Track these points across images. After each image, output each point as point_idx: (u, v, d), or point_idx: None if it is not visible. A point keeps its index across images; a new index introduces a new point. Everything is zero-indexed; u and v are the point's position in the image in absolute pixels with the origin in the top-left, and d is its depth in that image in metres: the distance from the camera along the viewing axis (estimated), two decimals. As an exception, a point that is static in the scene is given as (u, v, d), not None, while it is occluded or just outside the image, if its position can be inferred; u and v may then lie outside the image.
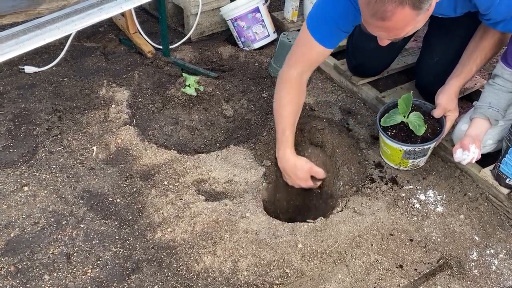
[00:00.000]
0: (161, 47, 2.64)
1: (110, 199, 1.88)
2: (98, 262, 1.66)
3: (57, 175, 1.94)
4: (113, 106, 2.28)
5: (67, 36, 2.35)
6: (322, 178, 1.97)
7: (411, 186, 2.01)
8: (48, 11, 2.08)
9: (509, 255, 1.79)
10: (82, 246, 1.71)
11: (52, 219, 1.78)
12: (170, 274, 1.64)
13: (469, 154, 1.82)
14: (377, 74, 2.46)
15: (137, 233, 1.76)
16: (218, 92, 2.37)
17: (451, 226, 1.87)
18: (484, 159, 1.94)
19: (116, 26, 2.85)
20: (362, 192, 1.98)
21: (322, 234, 1.79)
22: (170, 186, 1.93)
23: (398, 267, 1.72)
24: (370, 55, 2.26)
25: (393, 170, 2.07)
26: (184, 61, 2.66)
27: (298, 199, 2.07)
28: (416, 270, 1.72)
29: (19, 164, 1.97)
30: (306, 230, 1.80)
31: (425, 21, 1.53)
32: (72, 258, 1.67)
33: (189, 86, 2.29)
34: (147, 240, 1.74)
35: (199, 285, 1.62)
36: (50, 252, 1.68)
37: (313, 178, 1.95)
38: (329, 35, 1.82)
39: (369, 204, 1.92)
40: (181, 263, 1.68)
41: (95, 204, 1.85)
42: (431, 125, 1.98)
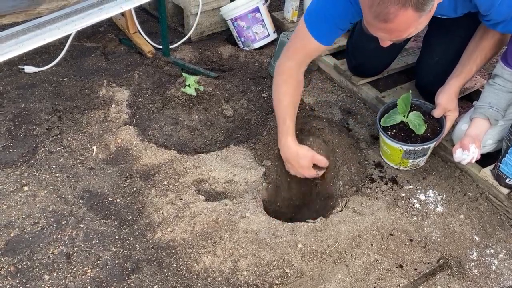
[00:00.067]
0: (161, 47, 2.64)
1: (110, 199, 1.88)
2: (98, 262, 1.66)
3: (57, 175, 1.94)
4: (113, 106, 2.28)
5: (67, 36, 2.35)
6: (325, 166, 1.96)
7: (411, 186, 2.01)
8: (48, 11, 2.08)
9: (509, 255, 1.79)
10: (82, 246, 1.71)
11: (52, 219, 1.78)
12: (170, 274, 1.64)
13: (469, 154, 1.82)
14: (377, 74, 2.45)
15: (137, 233, 1.76)
16: (218, 92, 2.37)
17: (451, 226, 1.87)
18: (484, 159, 1.94)
19: (116, 26, 2.85)
20: (362, 192, 1.98)
21: (322, 234, 1.79)
22: (170, 186, 1.93)
23: (398, 267, 1.72)
24: (370, 55, 2.26)
25: (393, 170, 2.07)
26: (184, 61, 2.65)
27: (298, 199, 2.07)
28: (416, 270, 1.72)
29: (19, 164, 1.97)
30: (306, 230, 1.80)
31: (427, 22, 1.52)
32: (72, 258, 1.67)
33: (189, 86, 2.29)
34: (147, 240, 1.74)
35: (199, 285, 1.62)
36: (50, 252, 1.68)
37: (315, 167, 1.95)
38: (327, 33, 1.83)
39: (369, 204, 1.92)
40: (181, 263, 1.67)
41: (95, 204, 1.85)
42: (431, 125, 1.98)
